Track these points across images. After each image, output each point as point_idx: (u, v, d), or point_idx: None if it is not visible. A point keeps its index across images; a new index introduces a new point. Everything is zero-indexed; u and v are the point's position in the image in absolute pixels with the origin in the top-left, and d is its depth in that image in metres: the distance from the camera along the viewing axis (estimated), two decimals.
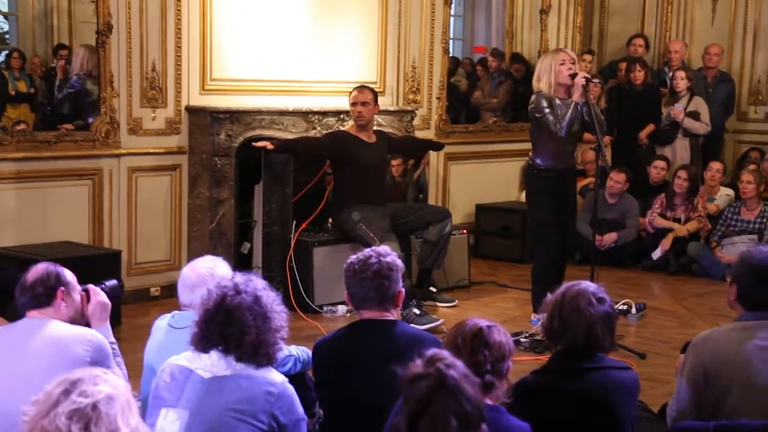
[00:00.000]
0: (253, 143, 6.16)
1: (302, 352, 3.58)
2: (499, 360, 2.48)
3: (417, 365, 1.88)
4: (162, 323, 3.32)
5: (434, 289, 6.46)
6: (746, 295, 3.06)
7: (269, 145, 6.05)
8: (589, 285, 2.91)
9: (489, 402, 2.37)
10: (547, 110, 5.49)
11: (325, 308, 6.09)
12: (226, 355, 2.60)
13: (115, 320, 4.88)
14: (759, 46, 9.19)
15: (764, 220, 7.49)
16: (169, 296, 6.03)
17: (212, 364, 2.60)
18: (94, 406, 1.64)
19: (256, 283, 2.69)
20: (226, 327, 2.60)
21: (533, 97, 5.62)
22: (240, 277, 2.70)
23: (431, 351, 1.93)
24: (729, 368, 2.91)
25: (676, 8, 9.47)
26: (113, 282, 3.61)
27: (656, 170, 8.13)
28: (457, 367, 1.87)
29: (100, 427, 1.63)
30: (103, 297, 3.35)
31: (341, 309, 6.05)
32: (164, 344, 3.18)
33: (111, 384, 1.71)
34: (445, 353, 1.94)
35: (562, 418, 2.76)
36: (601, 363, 2.84)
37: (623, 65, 8.74)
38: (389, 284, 3.05)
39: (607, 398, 2.77)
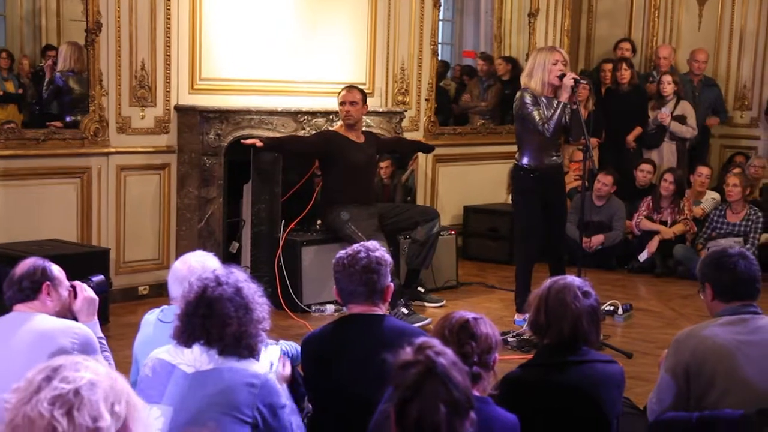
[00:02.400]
0: (242, 141, 6.17)
1: (291, 347, 3.57)
2: (486, 351, 2.50)
3: (407, 353, 1.89)
4: (151, 317, 3.32)
5: (422, 289, 6.47)
6: (718, 287, 3.10)
7: (258, 142, 6.07)
8: (574, 279, 2.94)
9: (476, 393, 2.39)
10: (531, 107, 5.52)
11: (313, 307, 6.10)
12: (208, 348, 2.60)
13: (103, 318, 4.88)
14: (745, 51, 9.26)
15: (749, 223, 7.54)
16: (157, 295, 6.04)
17: (195, 358, 2.60)
18: (77, 392, 1.63)
19: (237, 275, 2.68)
20: (208, 319, 2.58)
21: (518, 94, 5.65)
22: (221, 270, 2.70)
23: (421, 339, 1.94)
24: (711, 363, 2.93)
25: (663, 13, 9.52)
26: (99, 277, 3.61)
27: (642, 173, 8.16)
28: (446, 354, 1.89)
29: (83, 412, 1.61)
30: (90, 293, 3.36)
31: (329, 308, 6.06)
32: (153, 338, 3.17)
33: (93, 370, 1.69)
34: (434, 341, 1.95)
35: (548, 410, 2.78)
36: (586, 356, 2.86)
37: (606, 66, 8.76)
38: (378, 278, 3.05)
39: (593, 391, 2.80)
